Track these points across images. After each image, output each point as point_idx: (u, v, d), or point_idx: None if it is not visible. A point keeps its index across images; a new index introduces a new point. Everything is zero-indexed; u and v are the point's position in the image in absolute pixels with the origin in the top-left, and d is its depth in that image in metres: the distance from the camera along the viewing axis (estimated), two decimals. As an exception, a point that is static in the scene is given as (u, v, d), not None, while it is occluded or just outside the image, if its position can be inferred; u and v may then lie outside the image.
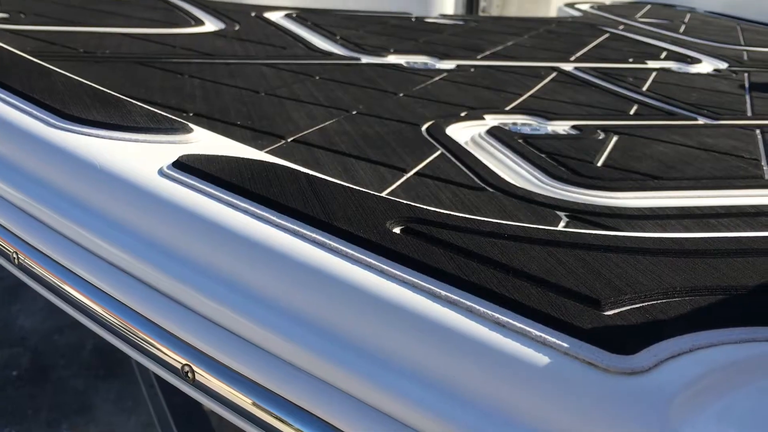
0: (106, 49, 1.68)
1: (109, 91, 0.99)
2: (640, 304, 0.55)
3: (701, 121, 1.47)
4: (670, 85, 1.81)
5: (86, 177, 0.75)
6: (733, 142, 1.30)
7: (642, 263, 0.62)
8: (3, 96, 0.91)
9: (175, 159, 0.76)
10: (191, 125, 0.91)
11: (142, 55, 1.66)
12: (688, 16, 3.42)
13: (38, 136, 0.81)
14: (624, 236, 0.70)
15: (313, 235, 0.64)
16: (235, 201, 0.69)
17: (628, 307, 0.55)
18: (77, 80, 1.02)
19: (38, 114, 0.85)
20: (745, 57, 2.37)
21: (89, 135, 0.81)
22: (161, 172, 0.74)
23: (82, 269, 0.72)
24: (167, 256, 0.66)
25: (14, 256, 0.79)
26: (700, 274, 0.60)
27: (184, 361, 0.64)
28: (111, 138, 0.82)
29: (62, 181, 0.76)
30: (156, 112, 0.93)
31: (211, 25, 2.21)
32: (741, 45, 2.63)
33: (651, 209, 0.93)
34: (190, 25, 2.15)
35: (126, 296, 0.69)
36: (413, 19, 2.72)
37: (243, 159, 0.81)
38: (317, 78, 1.59)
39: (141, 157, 0.77)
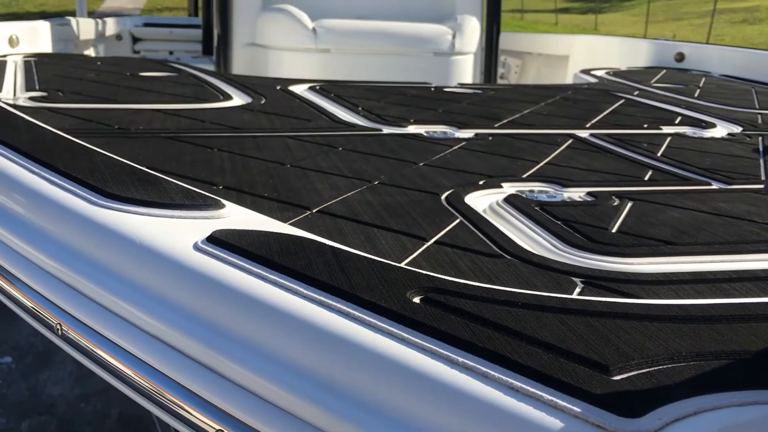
0: (139, 125, 1.77)
1: (145, 169, 1.06)
2: (647, 369, 0.58)
3: (715, 185, 1.51)
4: (685, 150, 1.85)
5: (126, 252, 0.80)
6: (746, 206, 1.33)
7: (649, 329, 0.65)
8: (48, 175, 0.98)
9: (209, 234, 0.82)
10: (223, 201, 0.97)
11: (173, 130, 1.74)
12: (702, 80, 3.48)
13: (82, 213, 0.87)
14: (633, 303, 0.73)
15: (339, 306, 0.68)
16: (265, 274, 0.73)
17: (636, 372, 0.58)
18: (117, 159, 1.09)
19: (81, 193, 0.92)
20: (760, 120, 2.41)
21: (129, 212, 0.87)
22: (196, 247, 0.79)
23: (121, 338, 0.77)
24: (201, 326, 0.71)
25: (57, 327, 0.83)
26: (705, 340, 0.63)
27: (216, 426, 0.68)
28: (149, 215, 0.87)
29: (103, 256, 0.81)
30: (190, 189, 0.99)
31: (238, 99, 2.31)
32: (755, 108, 2.68)
33: (665, 274, 0.96)
34: (218, 100, 2.25)
35: (161, 363, 0.73)
36: (432, 89, 2.81)
37: (272, 233, 0.86)
38: (340, 149, 1.65)
39: (177, 233, 0.83)
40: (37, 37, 3.49)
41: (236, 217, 0.95)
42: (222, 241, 0.80)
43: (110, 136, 1.63)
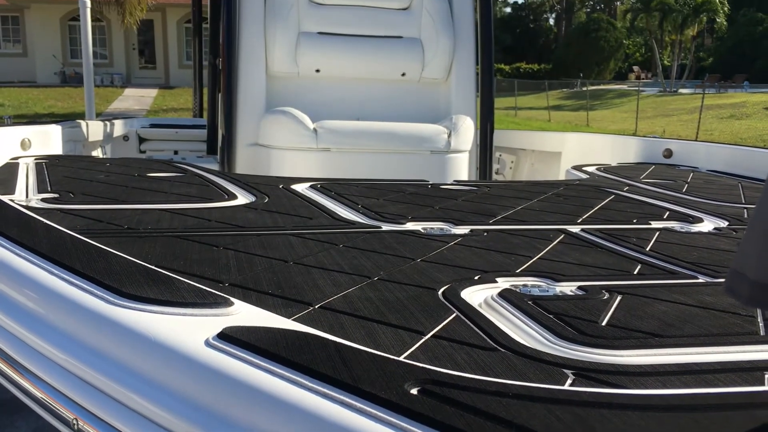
0: (148, 225, 1.84)
1: (157, 269, 1.12)
2: None
3: (701, 279, 1.57)
4: (672, 244, 1.92)
5: (142, 349, 0.85)
6: (731, 299, 1.38)
7: (631, 418, 0.70)
8: (67, 276, 1.04)
9: (219, 331, 0.87)
10: (231, 299, 1.02)
11: (180, 229, 1.82)
12: (690, 175, 3.60)
13: (100, 313, 0.93)
14: (618, 393, 0.77)
15: (341, 397, 0.73)
16: (273, 368, 0.78)
17: None
18: (130, 260, 1.15)
19: (99, 293, 0.98)
20: (746, 215, 2.50)
21: (144, 311, 0.93)
22: (208, 343, 0.84)
23: None
24: (214, 419, 0.75)
25: (74, 422, 0.87)
26: (683, 427, 0.68)
27: None
28: (163, 313, 0.93)
29: (120, 353, 0.86)
30: (201, 288, 1.05)
31: (243, 198, 2.40)
32: (742, 203, 2.77)
33: (652, 366, 1.00)
34: (223, 199, 2.34)
35: None
36: (429, 186, 2.91)
37: (278, 329, 0.91)
38: (341, 246, 1.72)
39: (189, 330, 0.88)
40: (48, 139, 3.63)
41: (244, 314, 1.00)
42: (232, 338, 0.85)
43: (120, 236, 1.70)
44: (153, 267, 1.12)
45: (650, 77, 43.51)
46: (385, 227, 2.01)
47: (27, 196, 2.22)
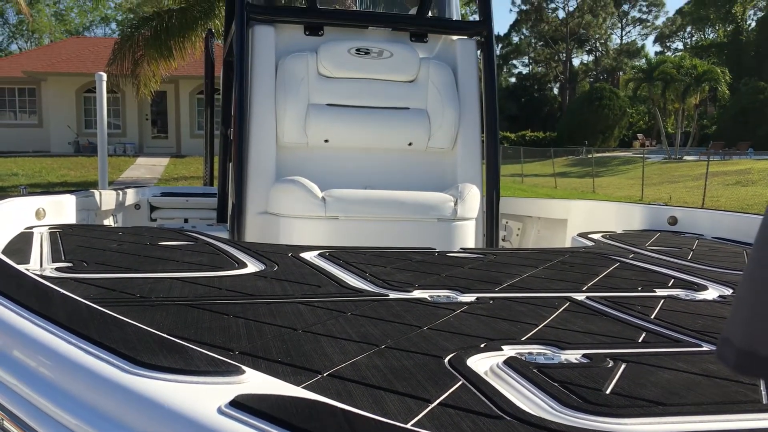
0: (160, 294, 1.88)
1: (172, 338, 1.15)
2: None
3: (705, 347, 1.58)
4: (677, 312, 1.94)
5: (156, 416, 0.87)
6: None
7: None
8: (83, 345, 1.07)
9: (231, 399, 0.89)
10: (243, 367, 1.05)
11: (191, 297, 1.85)
12: (696, 242, 3.62)
13: (115, 381, 0.95)
14: None
15: None
16: None
17: None
18: (145, 329, 1.18)
19: (114, 361, 1.01)
20: None
21: (158, 379, 0.96)
22: (220, 411, 0.87)
23: None
24: None
25: None
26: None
27: None
28: (176, 381, 0.96)
29: (134, 420, 0.89)
30: (214, 357, 1.08)
31: (252, 266, 2.44)
32: None
33: None
34: (233, 268, 2.38)
35: None
36: (436, 254, 2.95)
37: (288, 397, 0.94)
38: (349, 314, 1.74)
39: (202, 398, 0.90)
40: (62, 209, 3.70)
41: (255, 382, 1.03)
42: (244, 405, 0.87)
43: (133, 304, 1.74)
44: (166, 336, 1.15)
45: (655, 145, 43.98)
46: (393, 295, 2.04)
47: (41, 265, 2.27)
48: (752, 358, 0.52)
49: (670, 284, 2.40)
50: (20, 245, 2.66)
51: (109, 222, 4.76)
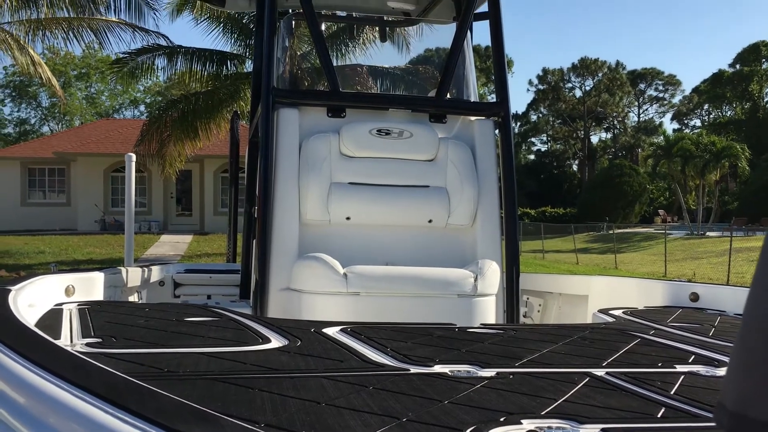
0: (187, 368, 1.92)
1: (205, 409, 1.20)
2: None
3: None
4: (697, 388, 1.94)
5: None
6: None
7: None
8: (121, 415, 1.12)
9: None
10: None
11: (217, 372, 1.90)
12: (718, 319, 3.61)
13: None
14: None
15: None
16: None
17: None
18: (179, 400, 1.23)
19: (152, 431, 1.06)
20: None
21: None
22: None
23: None
24: None
25: None
26: None
27: None
28: None
29: None
30: (245, 426, 1.12)
31: (276, 341, 2.48)
32: None
33: None
34: (257, 343, 2.42)
35: None
36: (457, 330, 2.97)
37: None
38: (371, 388, 1.77)
39: None
40: (91, 286, 3.79)
41: None
42: None
43: (161, 378, 1.79)
44: (199, 407, 1.20)
45: (676, 220, 43.78)
46: (414, 370, 2.07)
47: (71, 341, 2.33)
48: (743, 421, 0.56)
49: (690, 360, 2.40)
50: (50, 321, 2.73)
51: (134, 298, 4.84)
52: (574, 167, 66.99)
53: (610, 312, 3.73)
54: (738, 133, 50.08)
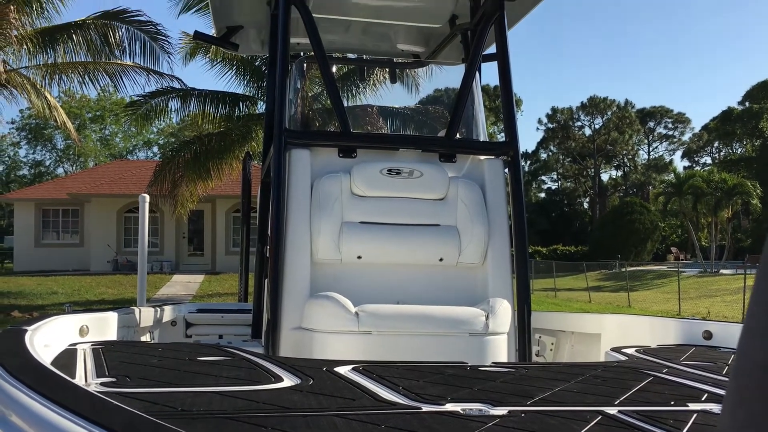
0: (200, 407, 1.94)
1: None
2: None
3: None
4: (710, 426, 1.94)
5: None
6: None
7: None
8: None
9: None
10: None
11: (230, 411, 1.91)
12: (731, 357, 3.58)
13: None
14: None
15: None
16: None
17: None
18: None
19: None
20: None
21: None
22: None
23: None
24: None
25: None
26: None
27: None
28: None
29: None
30: None
31: (288, 380, 2.49)
32: None
33: None
34: (270, 382, 2.44)
35: None
36: (468, 368, 2.97)
37: None
38: (383, 427, 1.78)
39: None
40: (105, 326, 3.82)
41: None
42: None
43: (175, 417, 1.80)
44: None
45: (689, 258, 43.47)
46: (426, 408, 2.07)
47: (86, 381, 2.35)
48: None
49: (703, 398, 2.38)
50: (65, 361, 2.76)
51: (146, 338, 4.86)
52: (585, 205, 66.91)
53: (622, 350, 3.71)
54: (749, 170, 49.96)
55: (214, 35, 5.87)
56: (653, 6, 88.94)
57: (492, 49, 4.92)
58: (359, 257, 4.29)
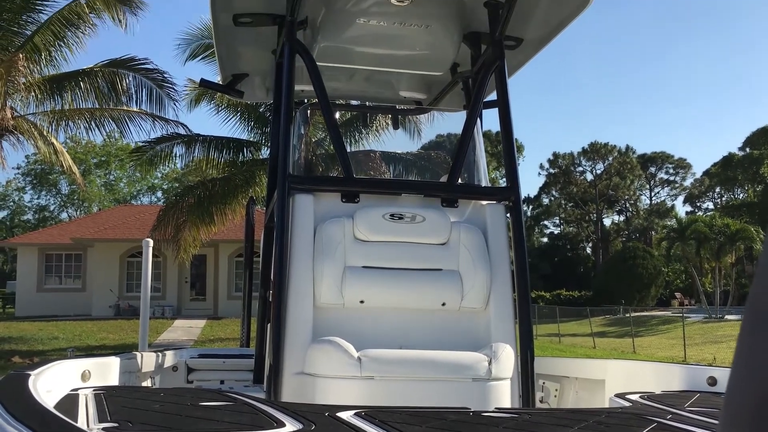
0: None
1: None
2: None
3: None
4: None
5: None
6: None
7: None
8: None
9: None
10: None
11: None
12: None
13: None
14: None
15: None
16: None
17: None
18: None
19: None
20: None
21: None
22: None
23: None
24: None
25: None
26: None
27: None
28: None
29: None
30: None
31: (290, 425, 2.48)
32: None
33: None
34: (272, 427, 2.43)
35: None
36: (471, 414, 2.95)
37: None
38: None
39: None
40: (107, 371, 3.81)
41: None
42: None
43: None
44: None
45: (693, 303, 43.19)
46: None
47: (88, 426, 2.35)
48: None
49: None
50: (68, 406, 2.75)
51: (147, 383, 4.83)
52: (588, 250, 66.80)
53: (626, 396, 3.69)
54: (751, 215, 50.02)
55: (220, 82, 5.98)
56: (652, 49, 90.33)
57: (493, 95, 5.01)
58: (362, 302, 4.30)
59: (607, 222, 67.61)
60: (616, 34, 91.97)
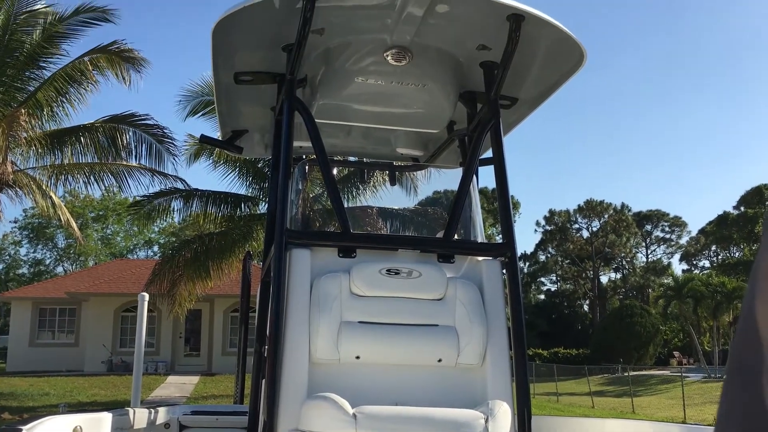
0: None
1: None
2: None
3: None
4: None
5: None
6: None
7: None
8: None
9: None
10: None
11: None
12: None
13: None
14: None
15: None
16: None
17: None
18: None
19: None
20: None
21: None
22: None
23: None
24: None
25: None
26: None
27: None
28: None
29: None
30: None
31: None
32: None
33: None
34: None
35: None
36: None
37: None
38: None
39: None
40: (99, 426, 3.77)
41: None
42: None
43: None
44: None
45: (692, 362, 42.75)
46: None
47: None
48: None
49: None
50: None
51: (139, 440, 4.75)
52: (585, 307, 66.43)
53: None
54: (747, 273, 49.73)
55: (220, 138, 6.06)
56: (644, 105, 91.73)
57: (489, 153, 5.08)
58: (357, 357, 4.27)
59: (603, 279, 67.45)
60: (608, 93, 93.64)
